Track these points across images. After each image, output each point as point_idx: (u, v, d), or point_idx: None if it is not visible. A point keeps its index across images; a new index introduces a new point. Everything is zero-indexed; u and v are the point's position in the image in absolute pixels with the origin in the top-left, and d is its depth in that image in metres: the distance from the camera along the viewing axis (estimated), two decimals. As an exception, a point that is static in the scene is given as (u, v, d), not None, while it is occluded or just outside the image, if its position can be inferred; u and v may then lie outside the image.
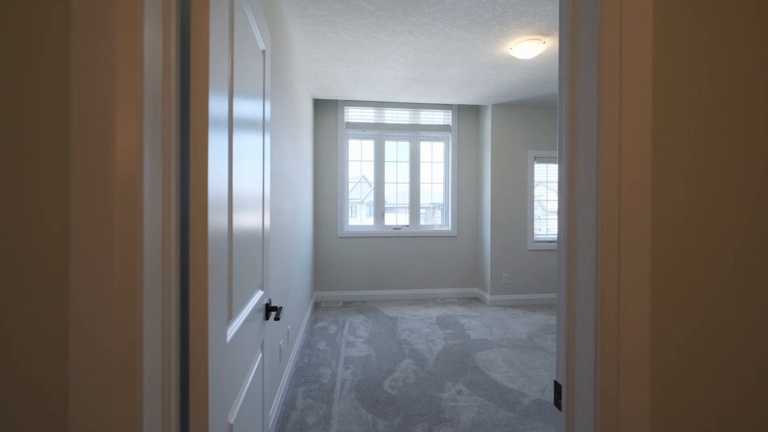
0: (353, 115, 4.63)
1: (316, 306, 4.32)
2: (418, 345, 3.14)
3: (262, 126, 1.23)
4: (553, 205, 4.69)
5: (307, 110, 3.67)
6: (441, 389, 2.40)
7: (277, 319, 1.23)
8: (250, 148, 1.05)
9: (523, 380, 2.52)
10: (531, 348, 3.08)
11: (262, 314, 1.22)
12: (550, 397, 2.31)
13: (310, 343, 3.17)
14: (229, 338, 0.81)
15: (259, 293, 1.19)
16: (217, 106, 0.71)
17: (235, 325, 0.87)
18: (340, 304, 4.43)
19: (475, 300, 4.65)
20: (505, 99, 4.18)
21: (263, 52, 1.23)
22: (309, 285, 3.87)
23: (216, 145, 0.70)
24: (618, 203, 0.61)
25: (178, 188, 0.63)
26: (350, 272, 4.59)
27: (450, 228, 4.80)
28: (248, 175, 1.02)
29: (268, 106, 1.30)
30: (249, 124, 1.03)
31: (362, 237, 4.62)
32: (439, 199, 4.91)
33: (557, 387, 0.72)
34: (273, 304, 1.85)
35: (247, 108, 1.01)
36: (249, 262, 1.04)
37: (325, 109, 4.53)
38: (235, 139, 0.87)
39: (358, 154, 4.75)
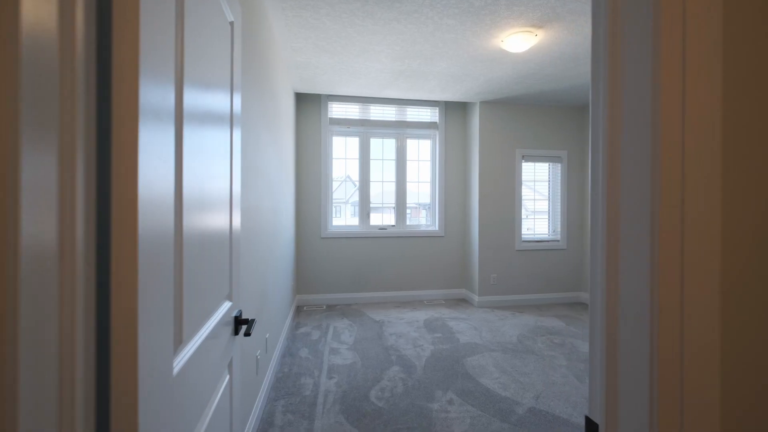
0: (337, 110, 4.45)
1: (299, 310, 4.12)
2: (405, 351, 3.00)
3: (230, 118, 1.05)
4: (542, 205, 4.64)
5: (288, 104, 3.48)
6: (431, 399, 2.26)
7: (247, 334, 1.06)
8: (213, 143, 0.88)
9: (515, 387, 2.41)
10: (522, 351, 2.99)
11: (230, 329, 1.05)
12: (544, 405, 2.20)
13: (291, 350, 2.98)
14: (178, 369, 0.64)
15: (226, 305, 1.02)
16: (154, 92, 0.53)
17: (188, 350, 0.70)
18: (324, 307, 4.24)
19: (462, 301, 4.54)
20: (493, 96, 4.09)
21: (231, 23, 1.05)
22: (290, 288, 3.67)
23: (154, 138, 0.53)
24: (680, 202, 0.47)
25: (93, 188, 0.46)
26: (334, 274, 4.42)
27: (437, 228, 4.69)
28: (209, 172, 0.85)
29: (239, 96, 1.13)
30: (210, 116, 0.86)
31: (347, 237, 4.44)
32: (426, 198, 4.79)
33: (591, 426, 0.58)
34: (244, 316, 1.66)
35: (208, 96, 0.84)
36: (211, 270, 0.87)
37: (307, 103, 4.34)
38: (188, 132, 0.70)
39: (343, 151, 4.57)
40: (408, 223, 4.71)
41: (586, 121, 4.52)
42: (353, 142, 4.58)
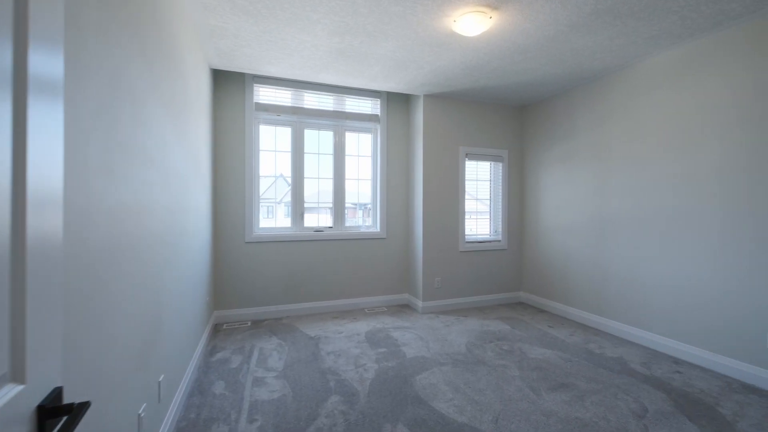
0: (265, 95, 3.86)
1: (216, 330, 3.45)
2: (346, 373, 2.57)
3: (16, 78, 0.54)
4: (483, 204, 4.55)
5: (200, 80, 2.83)
6: (378, 437, 1.87)
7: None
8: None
9: (472, 409, 2.14)
10: (472, 363, 2.76)
11: (22, 434, 0.54)
12: (505, 428, 1.95)
13: (202, 386, 2.37)
14: None
15: (6, 393, 0.51)
16: None
17: None
18: (249, 324, 3.62)
19: (406, 308, 4.25)
20: (438, 89, 3.86)
21: None
22: (204, 305, 3.02)
23: None
24: None
25: None
26: (261, 284, 3.82)
27: (378, 229, 4.34)
28: None
29: (59, 48, 0.63)
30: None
31: (276, 241, 3.87)
32: (367, 198, 4.41)
33: None
34: (69, 400, 0.94)
35: None
36: None
37: (228, 84, 3.68)
38: None
39: (272, 142, 3.99)
40: (347, 224, 4.29)
41: (527, 121, 4.53)
42: (284, 133, 4.02)
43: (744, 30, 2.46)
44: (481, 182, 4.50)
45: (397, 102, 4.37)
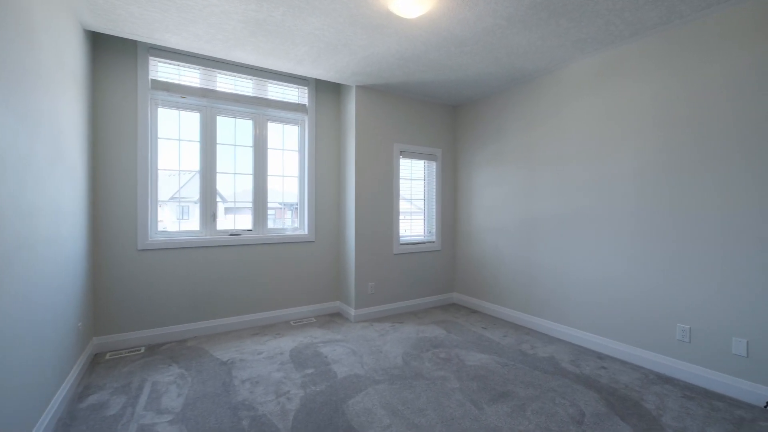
0: (166, 72, 3.19)
1: (96, 362, 2.72)
2: (264, 406, 2.14)
3: None
4: (417, 205, 4.40)
5: (63, 42, 2.15)
6: (302, 492, 1.51)
7: None
8: None
9: (412, 436, 1.88)
10: (410, 377, 2.52)
11: None
12: (448, 457, 1.73)
13: (57, 449, 1.75)
14: None
15: None
16: None
17: None
18: (142, 350, 2.94)
19: (337, 317, 3.90)
20: (371, 80, 3.59)
21: None
22: (74, 334, 2.32)
23: None
24: None
25: None
26: (161, 300, 3.15)
27: (306, 231, 3.92)
28: None
29: None
30: None
31: (180, 248, 3.23)
32: (293, 198, 3.96)
33: None
34: None
35: None
36: None
37: (114, 53, 2.95)
38: None
39: (175, 129, 3.33)
40: (271, 226, 3.79)
41: (460, 120, 4.49)
42: (192, 119, 3.39)
43: (658, 39, 2.61)
44: (415, 181, 4.35)
45: (327, 92, 4.00)
